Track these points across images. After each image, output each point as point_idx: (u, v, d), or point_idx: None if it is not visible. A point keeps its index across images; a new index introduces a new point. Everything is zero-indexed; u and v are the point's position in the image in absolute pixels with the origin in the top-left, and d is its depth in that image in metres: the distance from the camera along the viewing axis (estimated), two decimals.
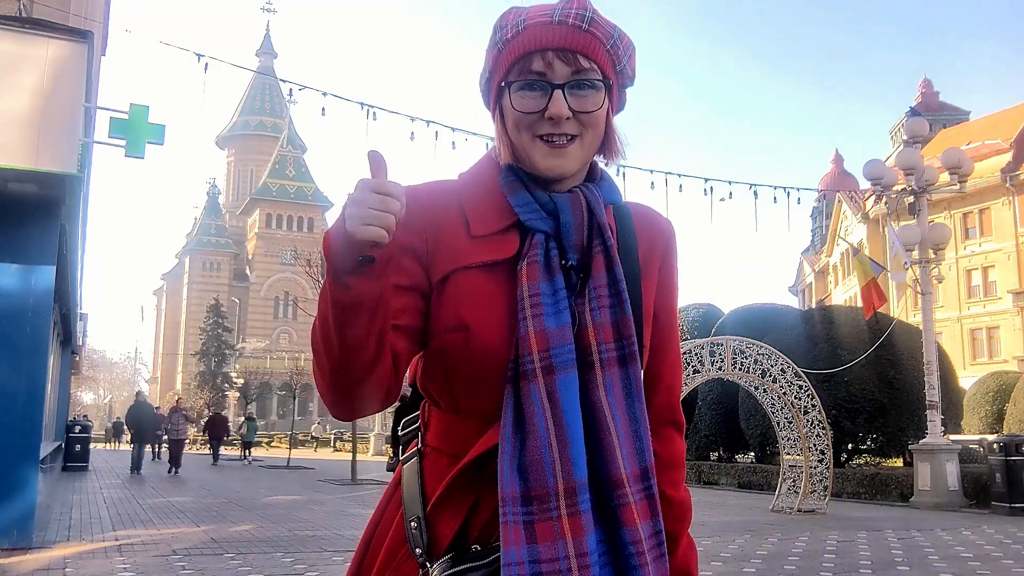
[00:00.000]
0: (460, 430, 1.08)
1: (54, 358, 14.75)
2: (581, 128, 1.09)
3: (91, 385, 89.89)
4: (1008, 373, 25.07)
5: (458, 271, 1.07)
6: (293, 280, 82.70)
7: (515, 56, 1.08)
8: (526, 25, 1.08)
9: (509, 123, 1.11)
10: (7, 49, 7.49)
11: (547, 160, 1.09)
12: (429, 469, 1.11)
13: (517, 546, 0.97)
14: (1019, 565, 7.24)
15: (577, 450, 1.00)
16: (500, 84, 1.11)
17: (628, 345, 1.06)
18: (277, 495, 14.50)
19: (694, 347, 11.25)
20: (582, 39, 1.07)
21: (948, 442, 13.86)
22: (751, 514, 11.80)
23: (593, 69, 1.08)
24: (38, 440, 8.19)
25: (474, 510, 1.06)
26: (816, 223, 62.86)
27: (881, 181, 14.43)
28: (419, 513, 1.07)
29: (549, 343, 1.02)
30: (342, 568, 6.77)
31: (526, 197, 1.10)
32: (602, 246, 1.09)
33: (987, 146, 39.21)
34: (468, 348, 1.05)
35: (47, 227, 8.26)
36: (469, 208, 1.11)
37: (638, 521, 1.03)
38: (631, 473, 1.04)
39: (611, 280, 1.08)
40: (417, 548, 1.05)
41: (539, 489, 0.99)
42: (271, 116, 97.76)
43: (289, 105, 23.67)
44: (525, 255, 1.07)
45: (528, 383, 1.01)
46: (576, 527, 0.98)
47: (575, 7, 1.08)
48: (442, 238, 1.09)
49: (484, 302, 1.06)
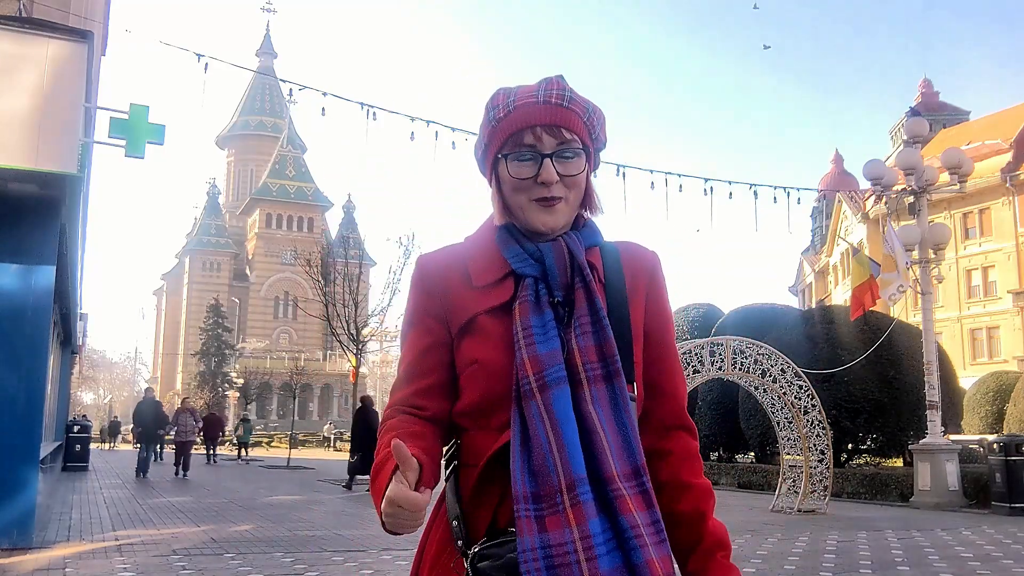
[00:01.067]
0: (482, 442, 1.28)
1: (54, 358, 14.76)
2: (566, 190, 1.30)
3: (91, 385, 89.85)
4: (1008, 373, 25.08)
5: (470, 319, 1.30)
6: (293, 280, 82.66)
7: (509, 132, 1.29)
8: (516, 105, 1.29)
9: (506, 188, 1.32)
10: (7, 49, 7.49)
11: (540, 217, 1.30)
12: (462, 479, 1.30)
13: (530, 536, 1.15)
14: (1019, 565, 7.25)
15: (574, 451, 1.18)
16: (496, 156, 1.32)
17: (612, 363, 1.25)
18: (277, 495, 14.50)
19: (694, 347, 11.25)
20: (564, 115, 1.29)
21: (948, 442, 13.87)
22: (751, 514, 11.80)
23: (575, 139, 1.30)
24: (38, 440, 8.19)
25: (502, 504, 1.24)
26: (816, 223, 62.84)
27: (881, 181, 14.44)
28: (458, 513, 1.26)
29: (542, 365, 1.22)
30: (342, 568, 6.78)
31: (516, 249, 1.32)
32: (582, 282, 1.30)
33: (987, 146, 39.21)
34: (480, 376, 1.27)
35: (47, 227, 8.26)
36: (471, 265, 1.34)
37: (634, 510, 1.18)
38: (622, 471, 1.20)
39: (592, 310, 1.28)
40: (459, 540, 1.24)
41: (546, 488, 1.17)
42: (271, 116, 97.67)
43: (289, 105, 23.68)
44: (518, 297, 1.29)
45: (528, 400, 1.21)
46: (579, 515, 1.15)
47: (555, 88, 1.30)
48: (451, 295, 1.33)
49: (489, 339, 1.28)
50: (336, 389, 79.44)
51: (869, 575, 6.71)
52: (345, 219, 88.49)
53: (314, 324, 73.83)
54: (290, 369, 42.78)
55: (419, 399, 1.31)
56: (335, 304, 20.25)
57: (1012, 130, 39.74)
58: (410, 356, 1.34)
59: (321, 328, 57.50)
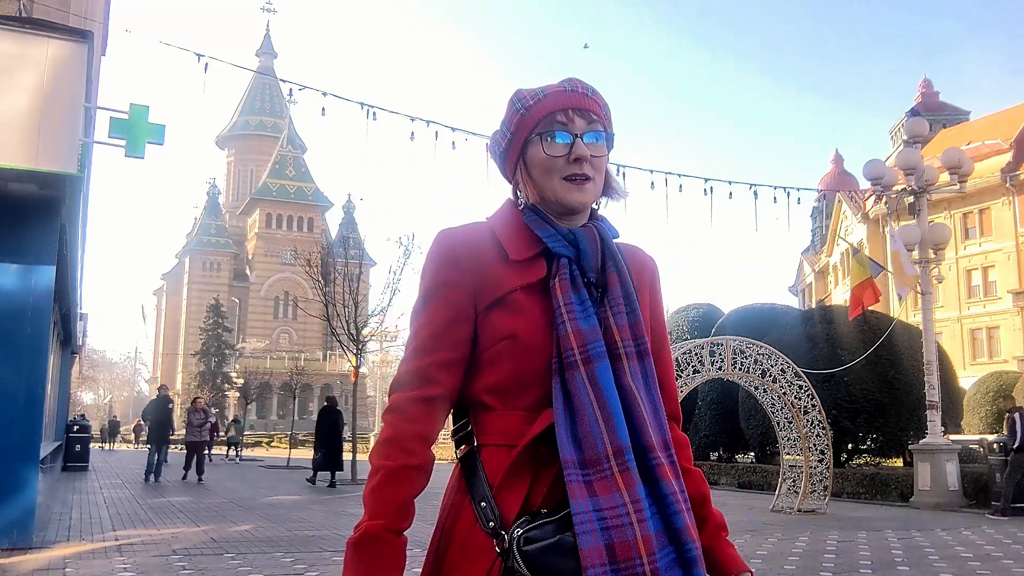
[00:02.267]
0: (510, 423, 1.31)
1: (54, 358, 14.75)
2: (594, 172, 1.38)
3: (91, 385, 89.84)
4: (1008, 373, 25.09)
5: (505, 295, 1.33)
6: (293, 280, 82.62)
7: (542, 114, 1.37)
8: (546, 94, 1.38)
9: (537, 171, 1.38)
10: (7, 49, 7.49)
11: (572, 195, 1.37)
12: (488, 460, 1.31)
13: (583, 499, 1.20)
14: (1019, 565, 7.25)
15: (619, 421, 1.25)
16: (526, 138, 1.38)
17: (642, 343, 1.34)
18: (277, 495, 14.50)
19: (694, 347, 11.24)
20: (590, 103, 1.39)
21: (948, 442, 13.87)
22: (751, 514, 11.80)
23: (600, 124, 1.39)
24: (38, 440, 8.18)
25: (534, 485, 1.27)
26: (816, 223, 62.81)
27: (881, 181, 14.44)
28: (486, 493, 1.27)
29: (585, 339, 1.28)
30: (342, 568, 6.77)
31: (551, 231, 1.37)
32: (615, 267, 1.38)
33: (987, 146, 39.18)
34: (515, 351, 1.30)
35: (47, 227, 8.25)
36: (504, 240, 1.37)
37: (671, 477, 1.27)
38: (657, 441, 1.29)
39: (625, 293, 1.36)
40: (490, 522, 1.25)
41: (592, 454, 1.22)
42: (271, 116, 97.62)
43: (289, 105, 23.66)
44: (556, 275, 1.34)
45: (573, 372, 1.26)
46: (628, 481, 1.22)
47: (579, 84, 1.40)
48: (483, 269, 1.35)
49: (525, 314, 1.32)
50: (336, 389, 79.36)
51: (869, 575, 6.71)
52: (345, 219, 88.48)
53: (314, 324, 73.81)
54: (290, 369, 42.78)
55: (437, 372, 1.31)
56: (335, 304, 20.22)
57: (1012, 130, 39.71)
58: (430, 328, 1.34)
59: (321, 328, 57.47)
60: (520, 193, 1.43)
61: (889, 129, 58.41)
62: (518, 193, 1.44)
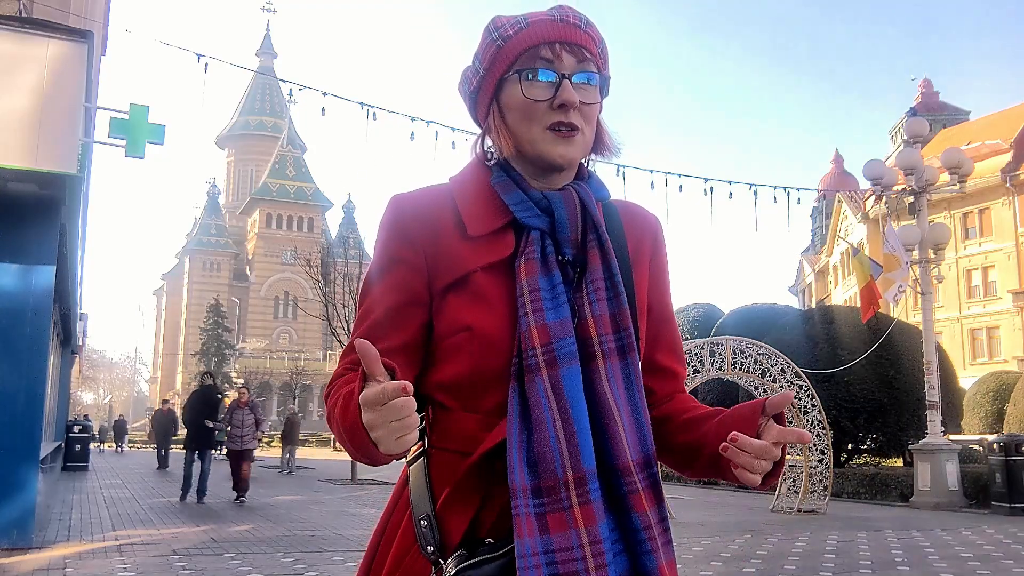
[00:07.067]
0: (466, 427, 1.09)
1: (54, 358, 14.75)
2: (583, 122, 1.12)
3: (91, 385, 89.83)
4: (1008, 373, 25.07)
5: (462, 277, 1.10)
6: (293, 280, 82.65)
7: (523, 47, 1.11)
8: (530, 23, 1.12)
9: (514, 116, 1.12)
10: (7, 49, 7.49)
11: (557, 148, 1.11)
12: (436, 468, 1.10)
13: (531, 537, 0.98)
14: (1019, 565, 7.24)
15: (584, 440, 1.02)
16: (502, 76, 1.13)
17: (626, 336, 1.09)
18: (277, 495, 14.49)
19: (694, 347, 11.25)
20: (583, 36, 1.12)
21: (948, 442, 13.85)
22: (751, 514, 11.80)
23: (593, 64, 1.13)
24: (38, 440, 8.18)
25: (484, 506, 1.06)
26: (816, 223, 62.78)
27: (881, 181, 14.42)
28: (428, 511, 1.07)
29: (551, 336, 1.04)
30: (342, 568, 6.77)
31: (520, 196, 1.12)
32: (597, 241, 1.12)
33: (987, 146, 39.17)
34: (472, 347, 1.07)
35: (47, 227, 8.25)
36: (464, 209, 1.12)
37: (647, 507, 1.04)
38: (636, 461, 1.05)
39: (607, 274, 1.11)
40: (428, 546, 1.04)
41: (549, 480, 1.00)
42: (271, 116, 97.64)
43: (289, 105, 23.63)
44: (522, 252, 1.09)
45: (533, 377, 1.03)
46: (588, 516, 1.00)
47: (571, 12, 1.13)
48: (440, 245, 1.11)
49: (485, 302, 1.08)
50: None
51: (869, 575, 6.70)
52: (345, 219, 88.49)
53: (314, 324, 73.81)
54: (290, 369, 42.92)
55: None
56: (335, 304, 20.24)
57: (1012, 130, 39.70)
58: (377, 311, 1.11)
59: (321, 328, 57.48)
60: (493, 145, 1.18)
61: (889, 129, 58.42)
62: (489, 146, 1.19)
